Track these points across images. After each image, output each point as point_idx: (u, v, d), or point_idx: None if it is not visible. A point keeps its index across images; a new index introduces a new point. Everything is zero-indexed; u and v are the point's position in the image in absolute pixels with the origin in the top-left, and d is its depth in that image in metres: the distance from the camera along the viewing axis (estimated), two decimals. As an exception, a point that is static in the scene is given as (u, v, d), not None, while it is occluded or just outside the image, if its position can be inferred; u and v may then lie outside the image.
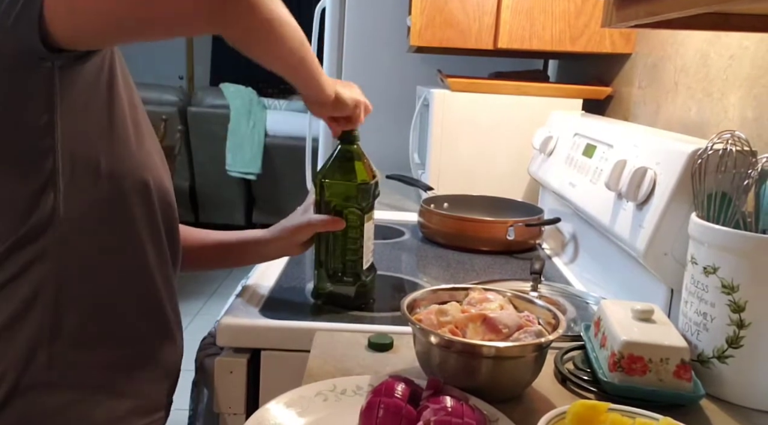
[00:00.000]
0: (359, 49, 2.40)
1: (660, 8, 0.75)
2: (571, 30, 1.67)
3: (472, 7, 1.71)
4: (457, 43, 1.74)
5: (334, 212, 1.08)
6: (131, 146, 0.87)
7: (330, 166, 1.08)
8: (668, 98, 1.39)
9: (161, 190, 0.92)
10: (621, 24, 0.89)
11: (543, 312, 0.89)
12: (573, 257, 1.46)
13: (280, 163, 4.71)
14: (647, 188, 1.03)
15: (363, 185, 1.07)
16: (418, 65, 2.37)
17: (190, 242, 1.10)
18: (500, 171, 1.76)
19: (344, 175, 1.07)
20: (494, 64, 2.12)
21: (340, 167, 1.08)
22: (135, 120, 0.89)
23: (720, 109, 1.17)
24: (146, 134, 0.92)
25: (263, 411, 0.75)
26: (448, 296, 0.93)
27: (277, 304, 1.13)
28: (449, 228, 1.54)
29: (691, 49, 1.30)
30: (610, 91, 1.74)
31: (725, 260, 0.83)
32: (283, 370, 1.01)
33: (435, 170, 1.77)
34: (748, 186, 0.84)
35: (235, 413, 1.02)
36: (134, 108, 0.90)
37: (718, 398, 0.85)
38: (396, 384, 0.73)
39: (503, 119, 1.73)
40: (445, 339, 0.80)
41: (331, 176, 1.08)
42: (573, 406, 0.69)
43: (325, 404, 0.78)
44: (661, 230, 0.98)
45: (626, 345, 0.82)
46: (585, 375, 0.88)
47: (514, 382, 0.83)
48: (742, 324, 0.82)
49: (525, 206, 1.65)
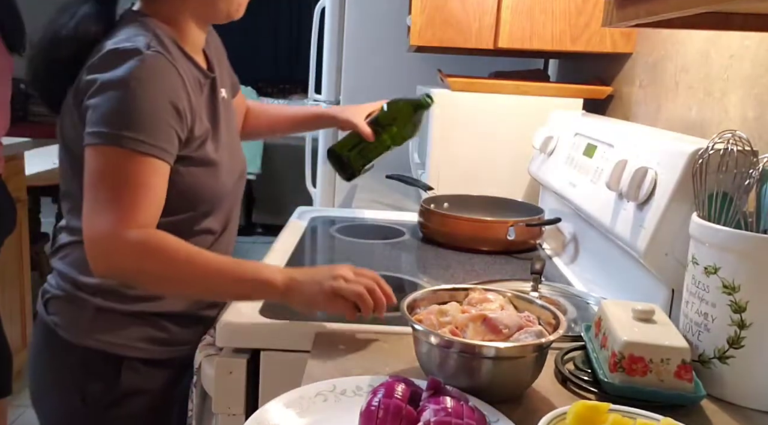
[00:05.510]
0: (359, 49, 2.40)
1: (660, 8, 0.75)
2: (572, 29, 1.66)
3: (473, 7, 1.71)
4: (457, 43, 1.74)
5: (376, 129, 1.40)
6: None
7: (405, 110, 1.42)
8: (669, 98, 1.39)
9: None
10: (621, 23, 0.89)
11: (543, 313, 0.89)
12: (573, 258, 1.46)
13: (279, 163, 4.71)
14: (648, 188, 1.03)
15: (402, 140, 1.44)
16: (418, 65, 2.36)
17: (268, 114, 1.52)
18: (500, 171, 1.75)
19: (404, 127, 1.41)
20: (494, 64, 2.12)
21: (408, 119, 1.42)
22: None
23: (721, 108, 1.17)
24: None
25: (263, 411, 0.75)
26: (448, 296, 0.93)
27: (277, 304, 1.13)
28: (449, 228, 1.53)
29: (691, 49, 1.30)
30: (611, 91, 1.74)
31: (726, 260, 0.82)
32: (283, 370, 1.01)
33: (435, 170, 1.76)
34: (749, 186, 0.84)
35: (234, 413, 1.02)
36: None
37: (718, 398, 0.85)
38: (396, 385, 0.73)
39: (503, 118, 1.73)
40: (445, 340, 0.80)
41: (400, 122, 1.41)
42: (573, 407, 0.69)
43: (324, 404, 0.78)
44: (662, 230, 0.98)
45: (627, 346, 0.82)
46: (585, 376, 0.88)
47: (514, 382, 0.82)
48: (743, 325, 0.82)
49: (525, 206, 1.65)
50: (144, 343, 1.11)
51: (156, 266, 0.96)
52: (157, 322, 1.12)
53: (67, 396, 1.11)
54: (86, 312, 1.09)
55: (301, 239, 1.55)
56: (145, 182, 0.97)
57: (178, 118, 1.01)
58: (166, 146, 0.99)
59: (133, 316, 1.10)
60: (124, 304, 1.09)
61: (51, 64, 1.08)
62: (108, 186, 0.96)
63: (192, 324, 1.15)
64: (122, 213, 0.94)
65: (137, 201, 0.95)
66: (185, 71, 1.05)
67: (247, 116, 1.51)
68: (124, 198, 0.95)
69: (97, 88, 0.98)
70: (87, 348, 1.09)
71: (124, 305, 1.09)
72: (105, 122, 0.96)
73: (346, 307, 0.94)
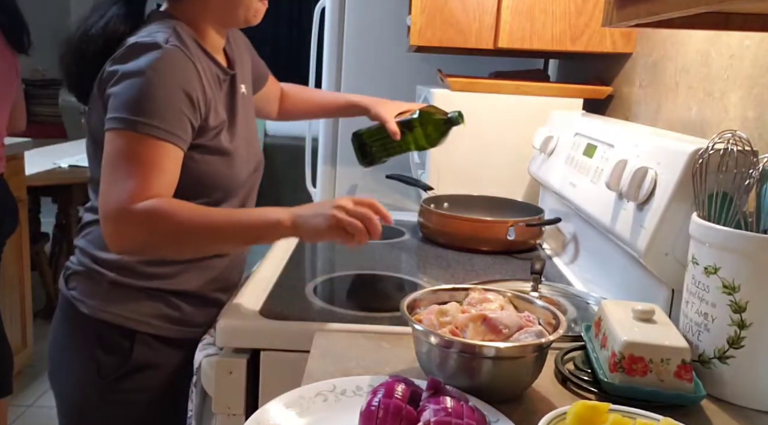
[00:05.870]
0: (359, 49, 2.39)
1: (660, 7, 0.75)
2: (572, 29, 1.66)
3: (473, 7, 1.71)
4: (458, 43, 1.74)
5: (403, 130, 1.45)
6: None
7: (436, 122, 1.47)
8: (669, 98, 1.39)
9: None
10: (621, 23, 0.89)
11: (543, 313, 0.89)
12: (573, 258, 1.46)
13: (279, 163, 4.71)
14: (648, 188, 1.03)
15: (424, 148, 1.52)
16: (418, 65, 2.36)
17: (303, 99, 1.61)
18: (500, 171, 1.75)
19: (430, 136, 1.47)
20: (494, 64, 2.12)
21: (436, 130, 1.47)
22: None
23: (721, 108, 1.17)
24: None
25: (263, 411, 0.75)
26: (448, 296, 0.93)
27: (277, 304, 1.13)
28: (449, 228, 1.53)
29: (691, 49, 1.30)
30: (611, 91, 1.74)
31: (726, 260, 0.82)
32: (283, 370, 1.01)
33: (435, 170, 1.76)
34: (749, 186, 0.84)
35: (234, 413, 1.02)
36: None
37: (718, 398, 0.85)
38: (396, 385, 0.73)
39: (503, 118, 1.73)
40: (445, 340, 0.80)
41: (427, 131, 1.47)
42: (573, 407, 0.69)
43: (324, 404, 0.78)
44: (662, 230, 0.98)
45: (627, 346, 0.82)
46: (585, 376, 0.88)
47: (514, 382, 0.82)
48: (743, 325, 0.82)
49: (525, 206, 1.65)
50: (156, 320, 1.15)
51: (166, 230, 1.01)
52: (169, 300, 1.16)
53: (82, 368, 1.16)
54: (102, 286, 1.15)
55: (301, 239, 1.55)
56: (158, 163, 1.02)
57: (191, 106, 1.07)
58: (179, 132, 1.05)
59: (146, 292, 1.15)
60: (138, 280, 1.14)
61: (80, 60, 1.15)
62: (122, 166, 1.02)
63: (204, 306, 1.20)
64: (133, 189, 1.00)
65: (149, 179, 1.01)
66: (202, 65, 1.12)
67: (282, 99, 1.61)
68: (135, 177, 1.01)
69: (117, 78, 1.05)
70: (102, 321, 1.14)
71: (138, 281, 1.14)
72: (123, 108, 1.03)
73: (347, 237, 1.00)
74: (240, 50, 1.32)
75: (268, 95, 1.54)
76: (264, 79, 1.50)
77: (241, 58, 1.31)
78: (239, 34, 1.35)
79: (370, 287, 1.30)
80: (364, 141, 1.50)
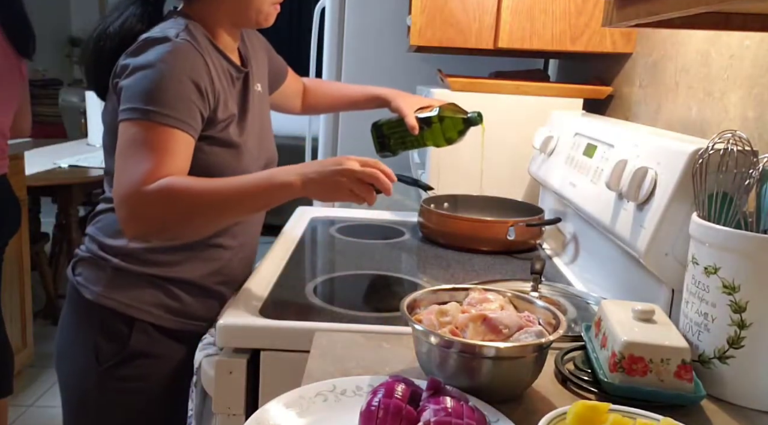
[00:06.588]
0: (359, 49, 2.39)
1: (660, 7, 0.75)
2: (572, 29, 1.66)
3: (473, 7, 1.71)
4: (458, 43, 1.74)
5: (421, 125, 1.46)
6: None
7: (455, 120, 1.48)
8: (669, 98, 1.39)
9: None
10: (621, 23, 0.89)
11: (543, 313, 0.89)
12: (573, 258, 1.46)
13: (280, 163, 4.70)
14: (648, 188, 1.03)
15: (440, 145, 1.51)
16: (418, 65, 2.36)
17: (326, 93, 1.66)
18: (500, 171, 1.75)
19: (447, 134, 1.48)
20: (494, 64, 2.12)
21: (454, 128, 1.48)
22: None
23: (721, 108, 1.17)
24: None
25: (263, 411, 0.75)
26: (448, 296, 0.93)
27: (277, 304, 1.13)
28: (449, 228, 1.53)
29: (691, 49, 1.30)
30: (611, 91, 1.74)
31: (726, 260, 0.82)
32: (283, 370, 1.01)
33: (435, 170, 1.76)
34: (749, 186, 0.84)
35: (234, 413, 1.02)
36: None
37: (718, 398, 0.85)
38: (396, 385, 0.73)
39: (503, 118, 1.73)
40: (445, 340, 0.80)
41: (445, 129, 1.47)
42: (573, 407, 0.69)
43: (324, 404, 0.78)
44: (662, 230, 0.98)
45: (627, 346, 0.82)
46: (585, 376, 0.88)
47: (514, 382, 0.82)
48: (743, 325, 0.82)
49: (525, 206, 1.65)
50: (156, 309, 1.17)
51: (180, 204, 1.03)
52: (169, 289, 1.18)
53: (84, 354, 1.18)
54: (106, 272, 1.18)
55: (301, 239, 1.56)
56: (169, 149, 1.05)
57: (200, 95, 1.10)
58: (189, 120, 1.08)
59: (148, 279, 1.17)
60: (141, 266, 1.17)
61: (98, 57, 1.20)
62: (135, 153, 1.05)
63: (205, 297, 1.22)
64: (146, 172, 1.02)
65: (161, 163, 1.04)
66: (212, 60, 1.16)
67: (305, 94, 1.66)
68: (148, 161, 1.03)
69: (129, 71, 1.09)
70: (104, 306, 1.17)
71: (141, 268, 1.17)
72: (135, 99, 1.06)
73: (354, 197, 1.04)
74: (255, 49, 1.36)
75: (288, 91, 1.59)
76: (283, 77, 1.55)
77: (256, 57, 1.35)
78: (255, 34, 1.39)
79: (370, 287, 1.30)
80: (383, 132, 1.52)
